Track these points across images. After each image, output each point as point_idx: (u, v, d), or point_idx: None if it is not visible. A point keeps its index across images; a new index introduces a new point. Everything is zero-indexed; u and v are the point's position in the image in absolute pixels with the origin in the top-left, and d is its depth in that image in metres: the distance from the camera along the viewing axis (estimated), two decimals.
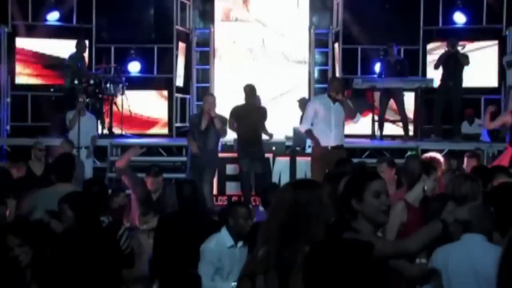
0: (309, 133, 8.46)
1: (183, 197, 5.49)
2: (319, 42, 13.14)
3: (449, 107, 11.36)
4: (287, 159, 10.27)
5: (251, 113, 9.57)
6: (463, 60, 11.21)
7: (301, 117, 10.94)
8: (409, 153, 9.84)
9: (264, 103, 11.11)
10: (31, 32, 12.71)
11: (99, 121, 11.14)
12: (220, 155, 9.67)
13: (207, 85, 13.09)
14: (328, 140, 8.27)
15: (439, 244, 3.84)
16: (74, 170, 5.60)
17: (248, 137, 9.51)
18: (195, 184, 5.82)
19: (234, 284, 4.02)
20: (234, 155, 9.88)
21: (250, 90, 9.73)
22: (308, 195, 2.88)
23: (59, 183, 5.46)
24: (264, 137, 9.99)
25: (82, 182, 5.93)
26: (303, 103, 11.27)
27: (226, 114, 9.38)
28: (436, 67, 11.43)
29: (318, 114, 8.32)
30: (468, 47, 11.74)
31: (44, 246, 3.85)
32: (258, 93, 10.32)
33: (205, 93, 12.81)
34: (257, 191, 9.53)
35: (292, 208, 2.86)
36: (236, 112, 9.43)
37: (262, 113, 9.82)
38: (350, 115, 8.51)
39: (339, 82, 8.70)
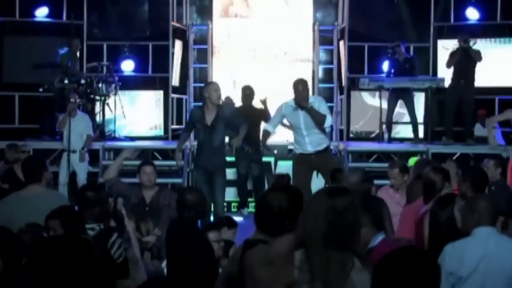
0: (264, 133, 8.43)
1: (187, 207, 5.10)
2: (323, 39, 12.83)
3: (461, 108, 11.14)
4: (290, 162, 9.95)
5: (250, 115, 9.46)
6: (476, 56, 10.92)
7: None
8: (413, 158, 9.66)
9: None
10: (19, 29, 12.55)
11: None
12: None
13: None
14: (305, 148, 8.07)
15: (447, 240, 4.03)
16: (45, 171, 5.60)
17: (247, 139, 9.24)
18: (201, 193, 5.40)
19: None
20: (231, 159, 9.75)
21: (250, 92, 9.79)
22: (345, 202, 2.83)
23: (30, 185, 5.46)
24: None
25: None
26: None
27: None
28: (448, 65, 11.13)
29: (290, 123, 8.18)
30: (481, 44, 11.48)
31: (16, 256, 3.69)
32: (259, 93, 10.33)
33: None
34: (256, 195, 9.65)
35: (330, 216, 2.79)
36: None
37: (261, 115, 9.83)
38: (319, 123, 7.94)
39: (304, 86, 8.02)
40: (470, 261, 3.93)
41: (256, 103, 10.26)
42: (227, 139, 8.50)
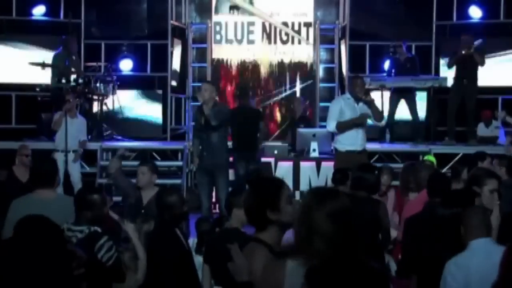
0: (340, 124, 8.15)
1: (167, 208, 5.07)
2: (324, 38, 12.94)
3: (463, 107, 11.16)
4: (290, 163, 10.21)
5: (247, 116, 9.51)
6: (480, 61, 10.96)
7: (291, 118, 11.21)
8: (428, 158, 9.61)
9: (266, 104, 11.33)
10: (16, 27, 12.61)
11: (89, 123, 10.87)
12: None
13: None
14: (356, 143, 8.17)
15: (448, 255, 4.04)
16: (57, 175, 5.46)
17: (244, 140, 9.40)
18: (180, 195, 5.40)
19: None
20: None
21: (245, 92, 9.83)
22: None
23: (40, 189, 5.27)
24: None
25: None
26: (298, 103, 11.49)
27: None
28: (450, 65, 11.17)
29: (344, 116, 8.15)
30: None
31: None
32: (259, 93, 10.56)
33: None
34: None
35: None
36: (232, 114, 9.09)
37: (258, 115, 9.88)
38: (378, 117, 8.30)
39: (363, 81, 8.45)
40: (476, 276, 3.90)
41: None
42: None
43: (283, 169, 10.06)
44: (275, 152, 10.30)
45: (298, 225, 2.79)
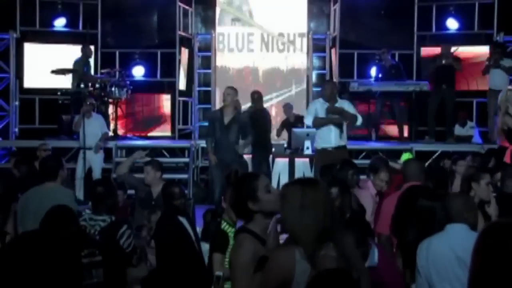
0: (317, 119, 8.35)
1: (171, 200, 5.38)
2: (316, 47, 13.23)
3: (442, 109, 11.46)
4: (286, 160, 10.47)
5: (261, 118, 9.83)
6: (457, 66, 11.38)
7: (282, 123, 11.22)
8: (406, 155, 9.77)
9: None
10: (39, 37, 12.88)
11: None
12: None
13: (209, 88, 13.21)
14: (329, 141, 8.33)
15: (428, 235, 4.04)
16: (61, 170, 5.61)
17: (262, 140, 9.64)
18: (180, 188, 5.64)
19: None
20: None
21: (258, 96, 9.98)
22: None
23: (46, 182, 5.51)
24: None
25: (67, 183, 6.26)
26: (287, 108, 11.72)
27: None
28: (431, 74, 11.62)
29: (318, 116, 8.37)
30: (460, 51, 11.87)
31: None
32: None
33: (207, 96, 13.23)
34: None
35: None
36: (251, 117, 9.34)
37: (270, 119, 10.14)
38: (349, 122, 8.43)
39: (331, 87, 8.54)
40: (439, 256, 3.91)
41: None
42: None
43: (280, 165, 10.41)
44: (273, 149, 10.42)
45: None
